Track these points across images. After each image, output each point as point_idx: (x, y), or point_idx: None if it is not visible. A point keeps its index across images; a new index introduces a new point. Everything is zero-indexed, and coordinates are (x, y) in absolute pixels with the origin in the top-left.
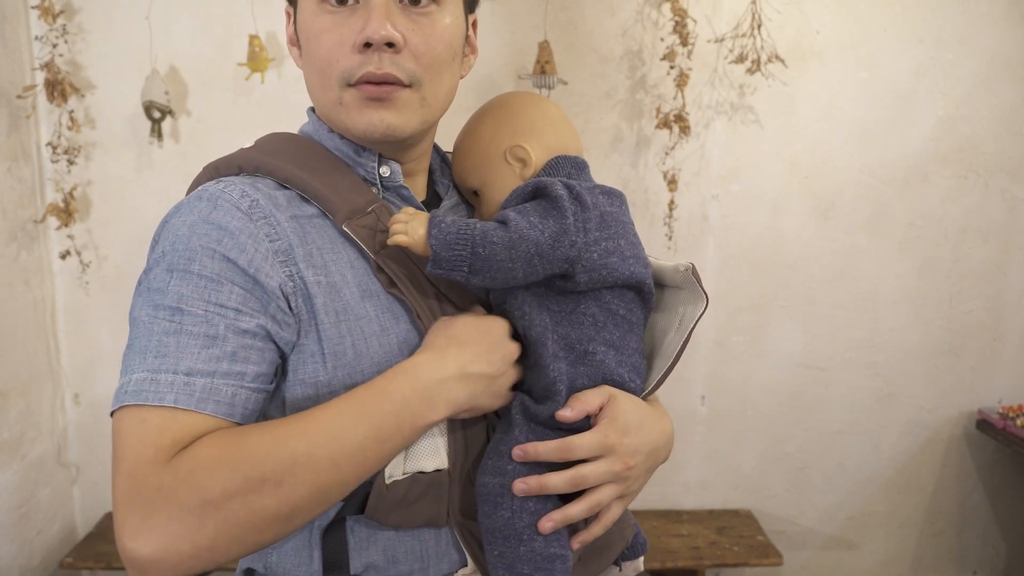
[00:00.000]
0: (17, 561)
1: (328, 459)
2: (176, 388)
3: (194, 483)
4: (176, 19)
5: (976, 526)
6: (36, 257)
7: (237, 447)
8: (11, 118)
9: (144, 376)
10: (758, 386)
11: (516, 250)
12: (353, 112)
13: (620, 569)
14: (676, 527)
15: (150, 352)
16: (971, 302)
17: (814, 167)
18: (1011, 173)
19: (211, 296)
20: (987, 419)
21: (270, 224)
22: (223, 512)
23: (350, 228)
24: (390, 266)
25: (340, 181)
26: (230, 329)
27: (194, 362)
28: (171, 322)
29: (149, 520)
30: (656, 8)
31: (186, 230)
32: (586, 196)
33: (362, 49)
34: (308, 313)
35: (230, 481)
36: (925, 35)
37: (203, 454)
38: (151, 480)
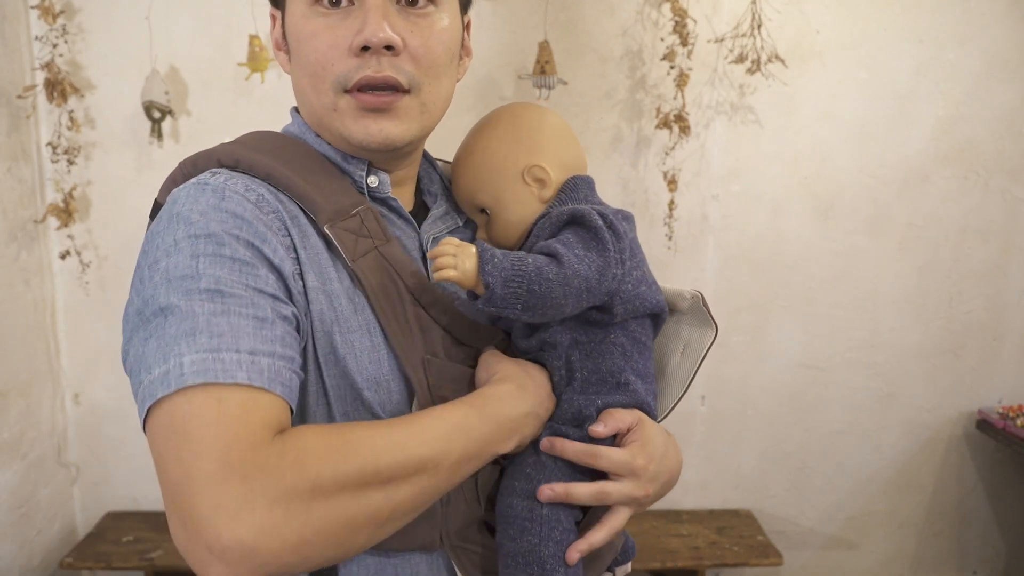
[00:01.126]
0: (17, 561)
1: (434, 464)
2: (244, 366)
3: (304, 467)
4: (176, 19)
5: (976, 526)
6: (36, 257)
7: (346, 438)
8: (11, 118)
9: (202, 356)
10: (758, 386)
11: (569, 287)
12: (348, 120)
13: (613, 574)
14: (676, 527)
15: (200, 333)
16: (971, 302)
17: (814, 167)
18: (1011, 173)
19: (249, 280)
20: (987, 419)
21: (279, 219)
22: (332, 502)
23: (332, 232)
24: (366, 277)
25: (324, 180)
26: (274, 313)
27: (253, 342)
28: (215, 303)
29: (251, 503)
30: (656, 8)
31: (199, 217)
32: (618, 226)
33: (359, 52)
34: (304, 317)
35: (343, 470)
36: (925, 35)
37: (309, 439)
38: (252, 459)
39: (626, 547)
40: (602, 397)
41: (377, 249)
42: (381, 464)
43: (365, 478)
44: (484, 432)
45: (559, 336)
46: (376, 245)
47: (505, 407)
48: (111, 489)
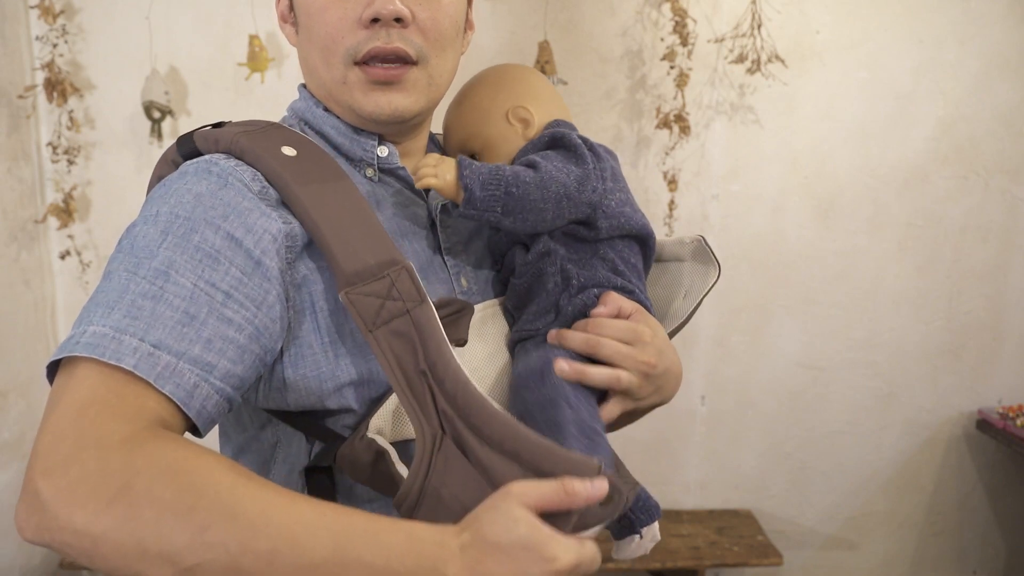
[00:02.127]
0: (17, 561)
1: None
2: (139, 355)
3: (133, 463)
4: (176, 19)
5: (976, 526)
6: (36, 257)
7: (192, 466)
8: (11, 118)
9: (105, 331)
10: (758, 386)
11: (547, 190)
12: (358, 93)
13: (640, 536)
14: (676, 527)
15: (119, 309)
16: (971, 302)
17: (814, 167)
18: (1011, 173)
19: (204, 272)
20: (987, 419)
21: (281, 208)
22: (134, 511)
23: (348, 299)
24: (384, 353)
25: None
26: (213, 314)
27: (165, 336)
28: (153, 285)
29: (67, 466)
30: (656, 8)
31: (191, 198)
32: (598, 148)
33: (368, 24)
34: (307, 302)
35: (163, 489)
36: (925, 35)
37: (161, 448)
38: (96, 428)
39: (649, 504)
40: (601, 289)
41: (408, 313)
42: (205, 507)
43: (179, 511)
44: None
45: (554, 245)
46: (408, 308)
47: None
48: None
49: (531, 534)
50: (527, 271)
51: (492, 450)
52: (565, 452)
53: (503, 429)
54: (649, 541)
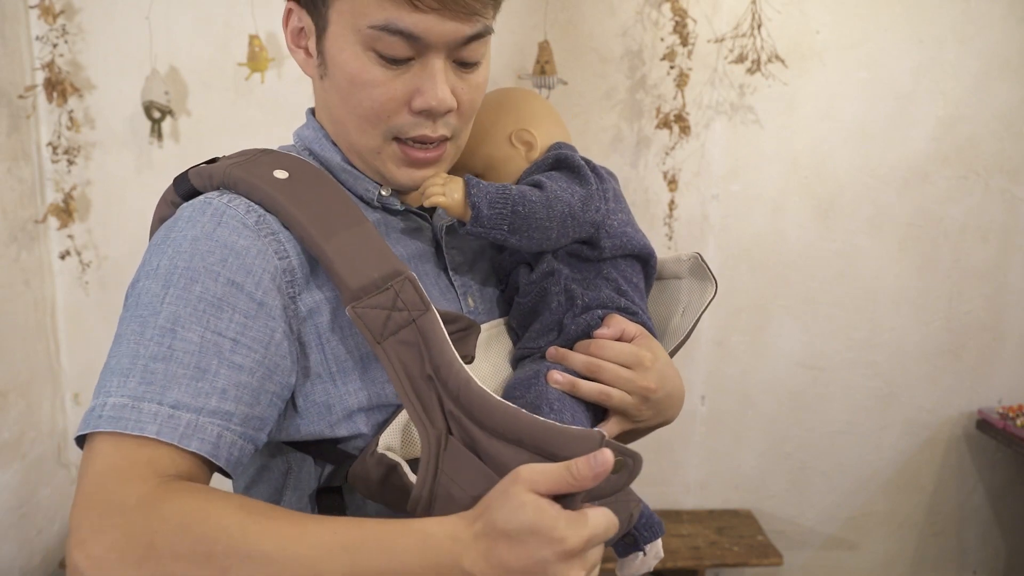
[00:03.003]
0: (17, 561)
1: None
2: (160, 419)
3: (152, 523)
4: (176, 19)
5: (976, 526)
6: (36, 257)
7: (204, 515)
8: (11, 118)
9: (124, 402)
10: (758, 386)
11: (552, 209)
12: (391, 165)
13: (644, 553)
14: (676, 527)
15: (134, 376)
16: (971, 302)
17: (814, 167)
18: (1011, 173)
19: (209, 322)
20: (987, 419)
21: (278, 240)
22: (160, 569)
23: (355, 313)
24: (392, 363)
25: (357, 241)
26: (224, 363)
27: (181, 394)
28: (160, 345)
29: (97, 535)
30: (656, 8)
31: (188, 246)
32: (600, 170)
33: (417, 112)
34: (313, 334)
35: (181, 542)
36: (925, 35)
37: (174, 503)
38: (117, 494)
39: (652, 521)
40: (605, 310)
41: (414, 322)
42: (220, 552)
43: (199, 561)
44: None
45: (558, 265)
46: (414, 317)
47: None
48: None
49: (537, 518)
50: (531, 290)
51: (498, 440)
52: (565, 428)
53: (504, 417)
54: (652, 558)
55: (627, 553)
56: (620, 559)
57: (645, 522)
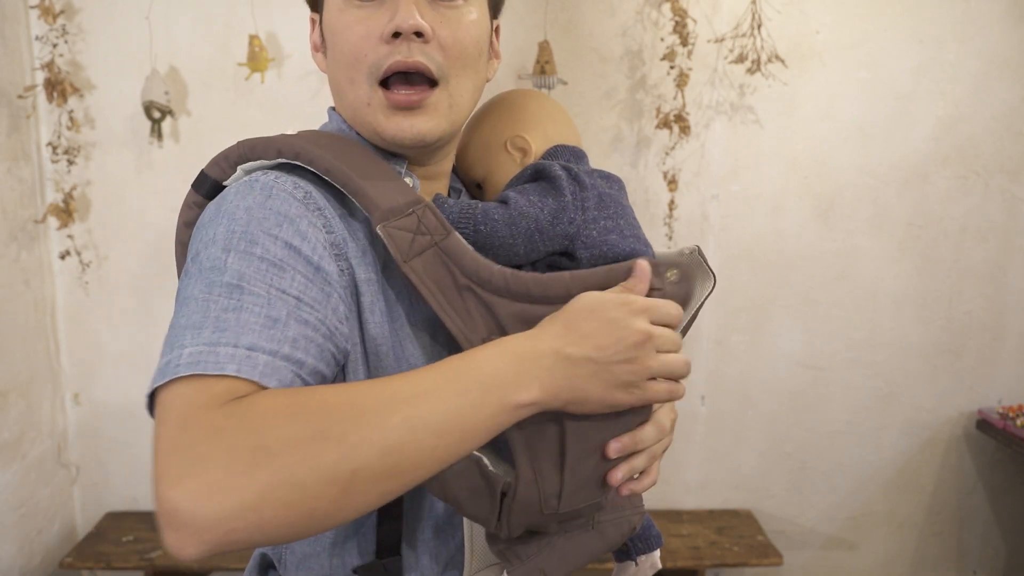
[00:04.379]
0: (17, 561)
1: (402, 421)
2: (239, 359)
3: (248, 426)
4: (176, 19)
5: (976, 526)
6: (36, 257)
7: (302, 398)
8: (11, 118)
9: (201, 349)
10: (758, 386)
11: (516, 227)
12: (380, 116)
13: (636, 564)
14: (676, 527)
15: (207, 327)
16: (971, 302)
17: (814, 167)
18: (1011, 173)
19: (273, 280)
20: (987, 419)
21: (324, 216)
22: (276, 462)
23: (384, 232)
24: (419, 276)
25: (380, 177)
26: (292, 316)
27: (256, 339)
28: (231, 299)
29: (193, 466)
30: (656, 8)
31: (243, 214)
32: (584, 177)
33: (390, 39)
34: (355, 311)
35: (288, 428)
36: (925, 35)
37: (263, 401)
38: (201, 422)
39: (650, 534)
40: None
41: (436, 244)
42: (331, 419)
43: (311, 434)
44: (474, 377)
45: None
46: (436, 241)
47: (506, 350)
48: (111, 489)
49: (603, 296)
50: None
51: (552, 305)
52: (604, 267)
53: (559, 280)
54: (649, 568)
55: (622, 560)
56: (616, 563)
57: (642, 533)
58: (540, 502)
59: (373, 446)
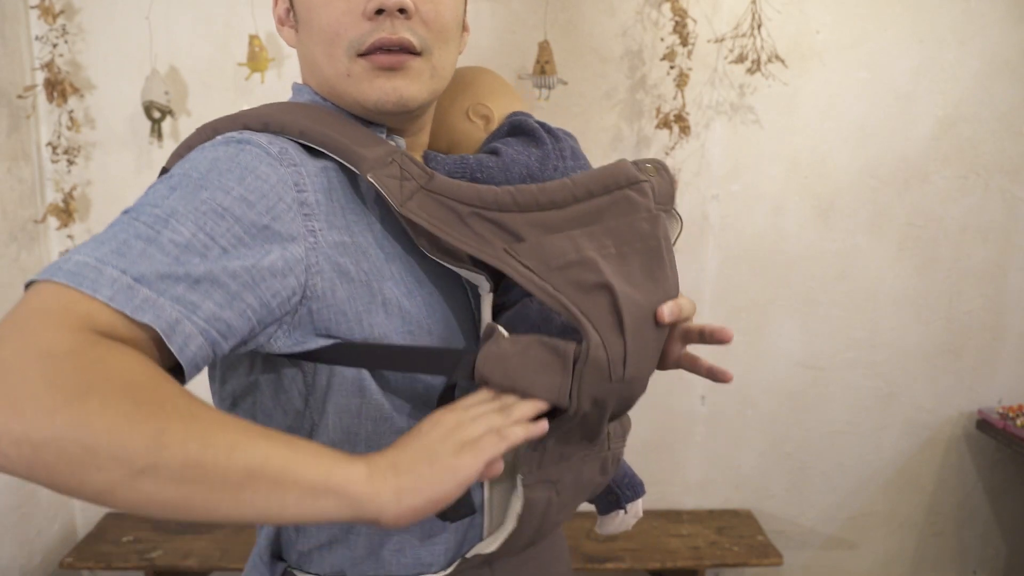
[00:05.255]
0: (17, 561)
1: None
2: (118, 286)
3: (82, 367)
4: (176, 19)
5: (976, 526)
6: (36, 257)
7: (152, 379)
8: (11, 118)
9: (88, 261)
10: (758, 386)
11: (510, 172)
12: (363, 83)
13: (625, 511)
14: (676, 527)
15: (108, 245)
16: (971, 302)
17: (814, 167)
18: (1011, 173)
19: (205, 224)
20: (987, 419)
21: (299, 173)
22: (85, 416)
23: (376, 179)
24: (419, 215)
25: (356, 132)
26: (207, 260)
27: (149, 272)
28: (150, 229)
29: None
30: (656, 8)
31: (206, 164)
32: (557, 131)
33: (372, 16)
34: (332, 270)
35: (117, 393)
36: (925, 35)
37: (117, 356)
38: (41, 334)
39: (634, 482)
40: None
41: (423, 188)
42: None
43: (136, 416)
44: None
45: None
46: (422, 184)
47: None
48: None
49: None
50: None
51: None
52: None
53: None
54: (632, 517)
55: (608, 511)
56: (601, 516)
57: (628, 481)
58: (609, 366)
59: (185, 452)
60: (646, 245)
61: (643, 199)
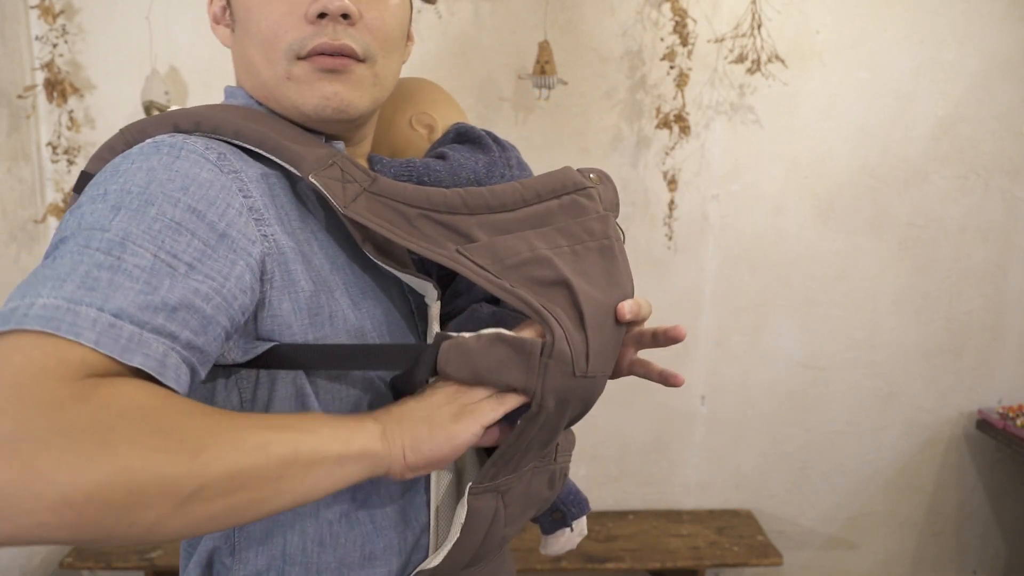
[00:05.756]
0: (17, 561)
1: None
2: (100, 327)
3: (97, 415)
4: (176, 19)
5: (976, 526)
6: (36, 257)
7: (163, 403)
8: (11, 118)
9: (58, 303)
10: (758, 386)
11: (458, 177)
12: (304, 86)
13: (571, 529)
14: (676, 527)
15: (70, 281)
16: (971, 302)
17: (814, 167)
18: (1011, 173)
19: (164, 243)
20: (987, 419)
21: (240, 180)
22: (118, 462)
23: (319, 180)
24: (365, 217)
25: (295, 134)
26: (178, 283)
27: (126, 304)
28: (109, 256)
29: (18, 440)
30: (656, 8)
31: (143, 176)
32: (503, 141)
33: (314, 20)
34: (282, 279)
35: (140, 429)
36: (925, 35)
37: (123, 392)
38: (43, 393)
39: (579, 499)
40: None
41: (366, 190)
42: (189, 432)
43: (166, 445)
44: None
45: None
46: (364, 187)
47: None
48: None
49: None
50: None
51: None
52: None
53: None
54: (577, 535)
55: (554, 529)
56: (545, 536)
57: (573, 498)
58: (572, 360)
59: (225, 466)
60: (599, 244)
61: (591, 203)
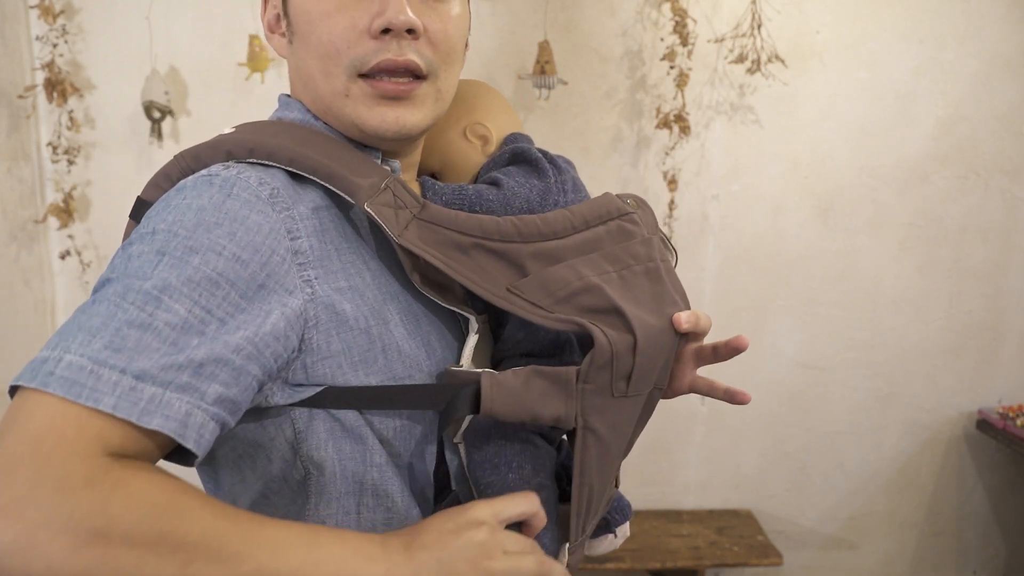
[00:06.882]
0: None
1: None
2: (119, 391)
3: (102, 501)
4: (176, 19)
5: (976, 526)
6: (36, 257)
7: (172, 502)
8: (11, 118)
9: (83, 363)
10: (758, 386)
11: (510, 206)
12: (362, 107)
13: (615, 535)
14: (676, 527)
15: (102, 337)
16: (971, 302)
17: (814, 167)
18: (1011, 173)
19: (201, 298)
20: (987, 419)
21: (292, 218)
22: (109, 554)
23: (374, 209)
24: (418, 245)
25: (349, 157)
26: (207, 339)
27: (151, 365)
28: (141, 311)
29: (21, 507)
30: (656, 8)
31: (192, 216)
32: (559, 161)
33: (378, 35)
34: (329, 320)
35: (141, 526)
36: (925, 35)
37: (135, 484)
38: (56, 464)
39: (623, 505)
40: None
41: (416, 217)
42: (189, 540)
43: (161, 548)
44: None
45: None
46: (415, 214)
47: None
48: None
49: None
50: None
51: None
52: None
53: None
54: (620, 539)
55: (598, 535)
56: (590, 540)
57: (617, 505)
58: (611, 383)
59: None
60: (644, 267)
61: (635, 228)
